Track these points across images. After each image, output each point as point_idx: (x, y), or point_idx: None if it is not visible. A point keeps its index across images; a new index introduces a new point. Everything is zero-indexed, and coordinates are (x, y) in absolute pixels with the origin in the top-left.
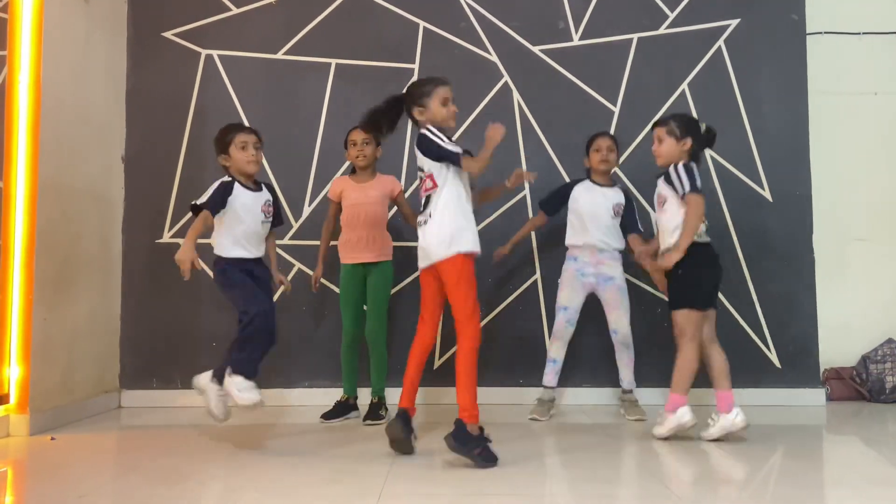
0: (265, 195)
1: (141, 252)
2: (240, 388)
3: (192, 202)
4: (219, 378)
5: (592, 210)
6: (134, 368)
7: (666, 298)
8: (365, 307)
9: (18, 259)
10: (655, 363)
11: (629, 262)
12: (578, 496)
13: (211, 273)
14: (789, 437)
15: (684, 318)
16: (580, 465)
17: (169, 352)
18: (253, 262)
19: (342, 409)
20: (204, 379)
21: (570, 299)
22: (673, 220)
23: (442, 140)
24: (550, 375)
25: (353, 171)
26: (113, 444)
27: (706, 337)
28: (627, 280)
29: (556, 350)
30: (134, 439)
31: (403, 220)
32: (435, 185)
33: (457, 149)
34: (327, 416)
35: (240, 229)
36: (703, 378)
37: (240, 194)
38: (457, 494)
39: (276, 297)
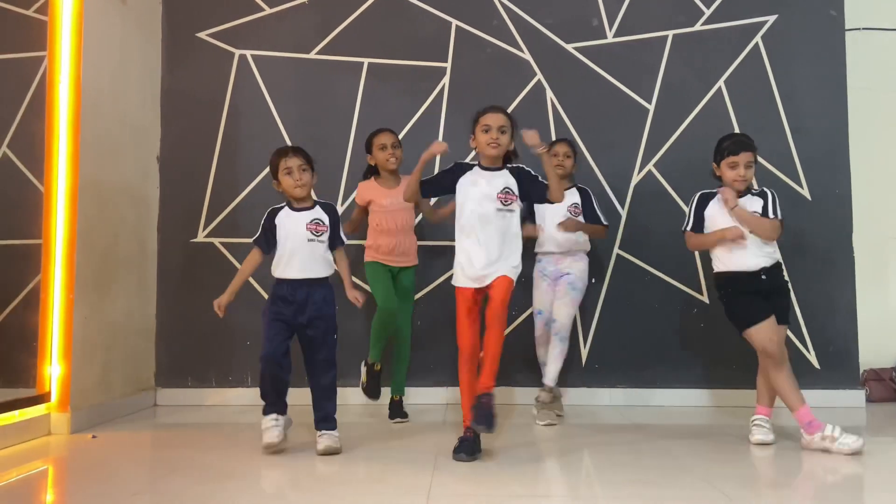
0: (315, 213)
1: (176, 251)
2: (263, 425)
3: (254, 238)
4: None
5: (550, 215)
6: (169, 367)
7: None
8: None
9: (60, 258)
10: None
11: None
12: (627, 498)
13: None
14: None
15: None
16: (624, 467)
17: (203, 350)
18: (298, 283)
19: (377, 377)
20: None
21: (541, 302)
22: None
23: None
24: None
25: (367, 172)
26: (153, 442)
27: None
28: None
29: (542, 354)
30: (172, 437)
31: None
32: None
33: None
34: (370, 393)
35: (283, 249)
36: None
37: (283, 217)
38: (505, 495)
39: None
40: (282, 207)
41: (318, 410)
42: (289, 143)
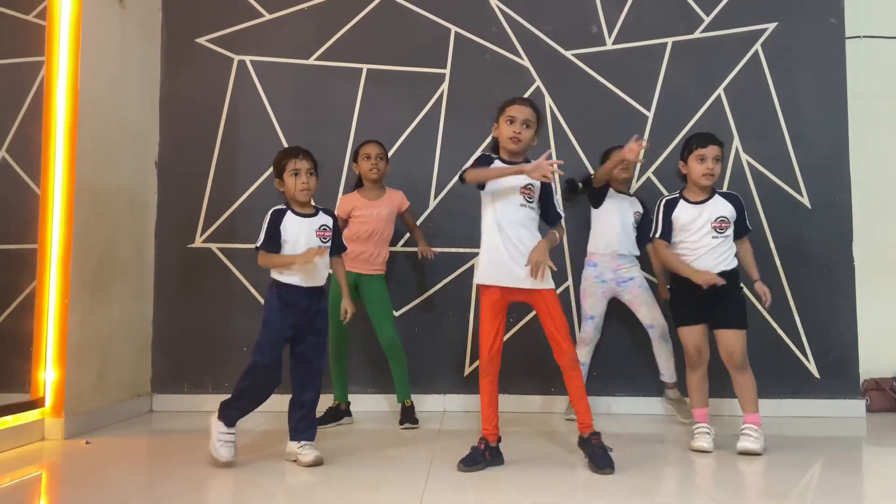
0: (321, 220)
1: (173, 256)
2: (219, 437)
3: (255, 245)
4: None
5: (619, 216)
6: (166, 372)
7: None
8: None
9: (55, 262)
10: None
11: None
12: None
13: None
14: (828, 448)
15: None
16: (620, 477)
17: (200, 356)
18: (305, 291)
19: (334, 414)
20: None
21: (594, 307)
22: (731, 246)
23: (476, 159)
24: None
25: (357, 184)
26: (146, 449)
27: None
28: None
29: (584, 354)
30: (167, 444)
31: (410, 234)
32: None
33: (469, 165)
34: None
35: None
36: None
37: (290, 222)
38: (497, 503)
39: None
40: (285, 210)
41: (303, 421)
42: None
